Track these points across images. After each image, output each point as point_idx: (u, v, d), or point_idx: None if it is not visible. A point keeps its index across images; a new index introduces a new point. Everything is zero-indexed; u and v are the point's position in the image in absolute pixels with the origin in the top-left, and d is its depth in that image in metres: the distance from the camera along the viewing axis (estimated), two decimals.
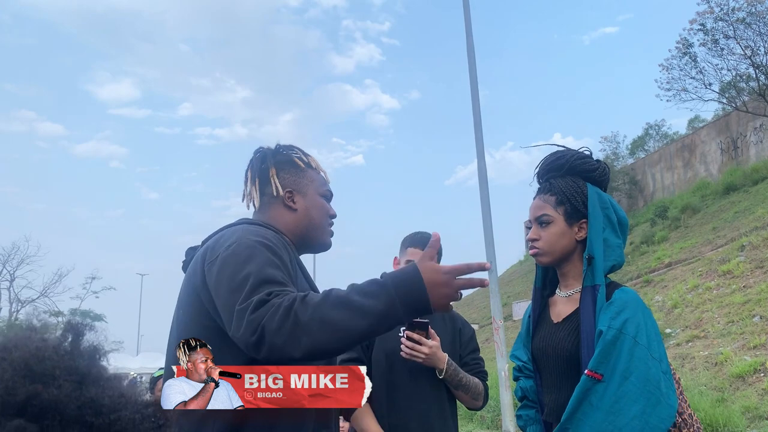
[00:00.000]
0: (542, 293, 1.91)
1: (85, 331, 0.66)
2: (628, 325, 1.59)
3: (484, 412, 10.31)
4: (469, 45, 8.55)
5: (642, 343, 1.58)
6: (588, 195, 1.77)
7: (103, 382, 0.61)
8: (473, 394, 2.34)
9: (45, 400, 0.55)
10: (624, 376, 1.56)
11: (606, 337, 1.59)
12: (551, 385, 1.78)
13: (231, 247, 1.37)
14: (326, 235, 1.70)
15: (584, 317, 1.67)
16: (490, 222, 7.82)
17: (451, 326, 2.45)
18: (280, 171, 1.64)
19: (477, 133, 8.25)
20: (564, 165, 1.81)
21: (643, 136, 26.56)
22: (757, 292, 8.88)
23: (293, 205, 1.63)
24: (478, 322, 20.35)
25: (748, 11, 14.98)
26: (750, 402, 6.27)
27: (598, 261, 1.70)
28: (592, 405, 1.57)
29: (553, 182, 1.81)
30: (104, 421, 0.56)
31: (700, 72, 16.52)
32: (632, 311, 1.63)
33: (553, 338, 1.77)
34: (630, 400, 1.54)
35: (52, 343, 0.63)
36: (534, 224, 1.82)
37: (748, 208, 13.87)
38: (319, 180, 1.71)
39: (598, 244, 1.72)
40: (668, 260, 13.98)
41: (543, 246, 1.78)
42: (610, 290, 1.70)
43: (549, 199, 1.79)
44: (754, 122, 17.23)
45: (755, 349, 7.36)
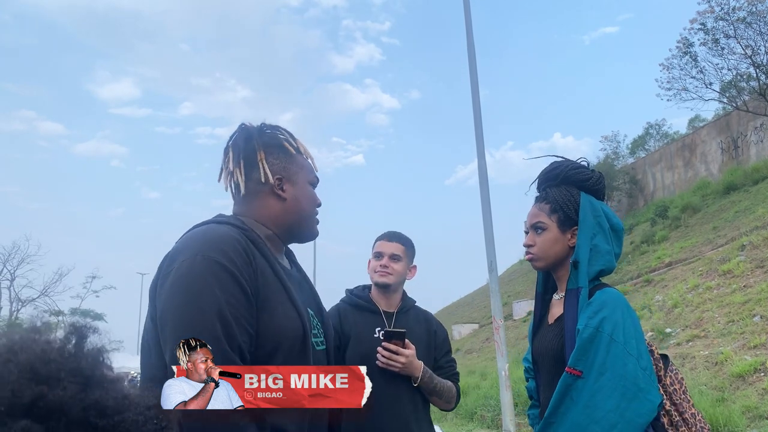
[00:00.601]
0: (543, 297, 2.01)
1: (89, 333, 0.66)
2: (604, 324, 1.69)
3: (484, 411, 10.32)
4: (469, 44, 8.55)
5: (618, 340, 1.67)
6: (580, 203, 1.87)
7: (107, 384, 0.62)
8: (447, 398, 2.39)
9: (50, 401, 0.55)
10: (600, 371, 1.65)
11: (583, 335, 1.69)
12: (545, 384, 1.87)
13: (185, 264, 1.29)
14: (313, 223, 1.63)
15: (567, 318, 1.79)
16: (490, 221, 7.83)
17: (426, 328, 2.49)
18: (269, 155, 1.53)
19: (477, 132, 8.26)
20: (559, 175, 1.93)
21: (643, 136, 26.58)
22: (758, 292, 8.88)
23: (282, 193, 1.54)
24: (479, 321, 20.35)
25: (749, 11, 14.97)
26: (750, 401, 6.27)
27: (582, 265, 1.81)
28: (572, 400, 1.68)
29: (548, 191, 1.93)
30: (108, 422, 0.57)
31: (701, 71, 16.53)
32: (610, 310, 1.72)
33: (545, 339, 1.88)
34: (605, 394, 1.63)
35: (57, 345, 0.63)
36: (530, 230, 1.93)
37: (749, 208, 13.87)
38: (308, 166, 1.62)
39: (584, 250, 1.82)
40: (668, 260, 13.99)
41: (537, 252, 1.90)
42: (593, 292, 1.79)
43: (544, 207, 1.90)
44: (754, 122, 17.22)
45: (755, 348, 7.36)
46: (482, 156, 8.22)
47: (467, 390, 11.20)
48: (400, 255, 2.45)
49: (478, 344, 17.86)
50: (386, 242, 2.48)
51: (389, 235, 2.52)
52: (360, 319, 2.39)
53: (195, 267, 1.28)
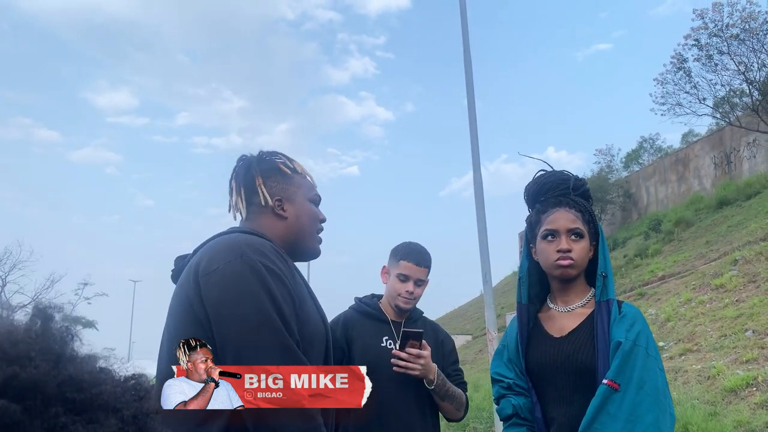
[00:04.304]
0: (529, 309, 1.92)
1: (54, 314, 0.66)
2: (641, 337, 1.70)
3: (476, 423, 10.27)
4: (466, 59, 8.60)
5: (653, 355, 1.70)
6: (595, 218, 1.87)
7: (79, 360, 0.62)
8: (457, 405, 2.35)
9: (24, 380, 0.55)
10: (639, 385, 1.64)
11: (624, 348, 1.67)
12: (560, 399, 1.79)
13: (231, 265, 1.34)
14: (315, 241, 1.69)
15: (600, 330, 1.74)
16: (485, 233, 7.83)
17: (434, 337, 2.44)
18: (266, 179, 1.61)
19: (473, 145, 8.28)
20: (580, 187, 1.89)
21: (637, 150, 26.75)
22: (750, 306, 8.91)
23: (283, 213, 1.61)
24: (472, 333, 20.33)
25: (742, 27, 15.14)
26: (742, 416, 6.27)
27: (611, 278, 1.79)
28: (609, 414, 1.63)
29: (577, 200, 1.87)
30: (86, 396, 0.57)
31: (695, 87, 16.68)
32: (642, 324, 1.73)
33: (561, 352, 1.79)
34: (645, 408, 1.62)
35: (23, 327, 0.63)
36: (564, 236, 1.81)
37: (741, 223, 13.94)
38: (306, 185, 1.68)
39: (609, 263, 1.82)
40: (662, 273, 14.02)
41: (577, 258, 1.79)
42: (619, 305, 1.78)
43: (578, 215, 1.83)
44: (747, 137, 17.36)
45: (748, 363, 7.37)
46: (478, 168, 8.25)
47: None
48: (424, 280, 2.39)
49: (471, 355, 17.80)
50: (415, 267, 2.35)
51: (418, 258, 2.37)
52: (368, 328, 2.36)
53: (243, 267, 1.33)
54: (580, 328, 1.79)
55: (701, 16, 15.52)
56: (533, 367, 1.85)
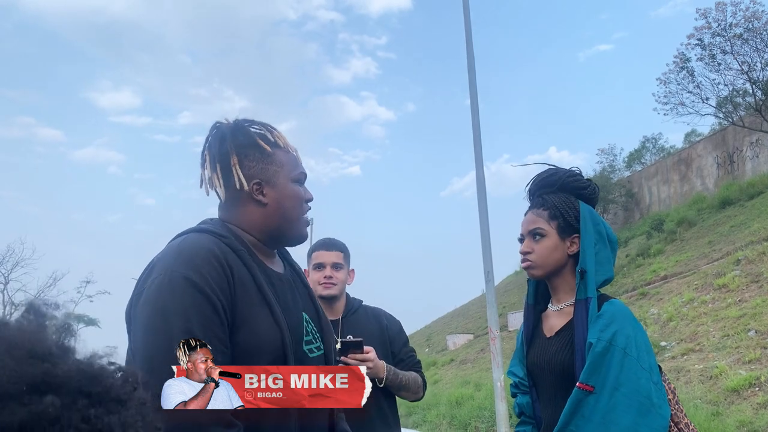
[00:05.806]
0: (534, 309, 1.92)
1: (54, 312, 0.68)
2: (617, 337, 1.63)
3: (478, 422, 10.28)
4: (469, 59, 8.60)
5: (632, 355, 1.61)
6: (580, 210, 1.80)
7: (89, 355, 0.65)
8: (414, 390, 2.34)
9: (57, 376, 0.58)
10: (615, 387, 1.59)
11: (596, 349, 1.62)
12: (547, 400, 1.79)
13: (156, 283, 1.26)
14: (301, 226, 1.52)
15: (577, 330, 1.70)
16: (488, 232, 7.84)
17: (377, 324, 2.42)
18: (243, 158, 1.42)
19: (476, 144, 8.29)
20: (556, 182, 1.86)
21: (639, 149, 26.70)
22: (753, 307, 8.89)
23: (263, 198, 1.44)
24: (474, 332, 20.30)
25: (746, 27, 15.10)
26: (745, 416, 6.27)
27: (590, 274, 1.73)
28: (584, 417, 1.60)
29: (546, 197, 1.85)
30: (101, 389, 0.60)
31: (698, 86, 16.65)
32: (621, 323, 1.66)
33: (547, 352, 1.79)
34: (621, 410, 1.57)
35: (34, 324, 0.65)
36: (527, 237, 1.84)
37: (744, 223, 13.92)
38: (289, 162, 1.48)
39: (591, 258, 1.75)
40: (664, 273, 14.00)
41: (536, 259, 1.81)
42: (600, 303, 1.72)
43: (542, 213, 1.82)
44: (750, 137, 17.32)
45: (750, 363, 7.36)
46: (480, 168, 8.26)
47: (462, 401, 11.15)
48: (341, 263, 2.37)
49: (472, 355, 17.80)
50: (325, 252, 2.37)
51: (326, 243, 2.40)
52: None
53: (166, 287, 1.24)
54: (566, 328, 1.77)
55: (704, 16, 15.50)
56: (530, 367, 1.86)
